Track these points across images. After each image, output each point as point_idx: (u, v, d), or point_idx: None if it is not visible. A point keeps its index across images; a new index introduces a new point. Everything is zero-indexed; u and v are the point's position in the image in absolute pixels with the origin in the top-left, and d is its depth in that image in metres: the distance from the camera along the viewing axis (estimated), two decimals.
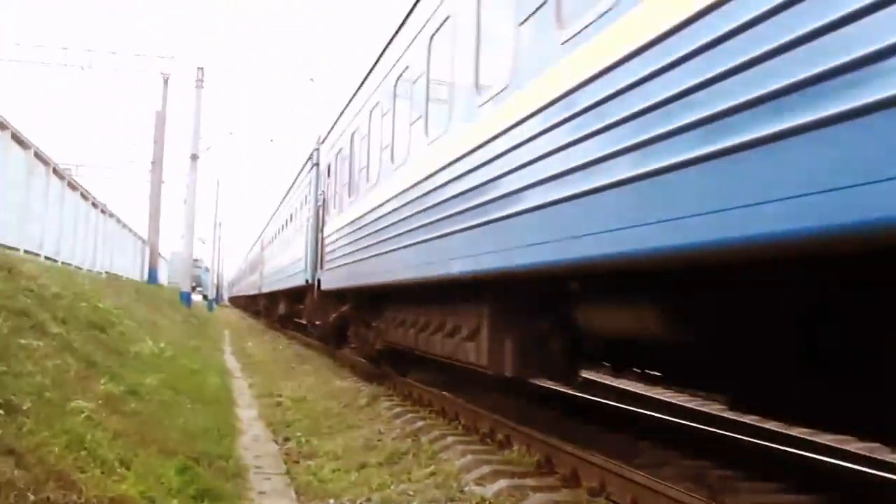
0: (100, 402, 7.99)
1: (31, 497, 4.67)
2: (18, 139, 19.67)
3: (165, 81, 42.10)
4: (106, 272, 33.64)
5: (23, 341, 8.33)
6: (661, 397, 13.01)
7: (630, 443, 8.92)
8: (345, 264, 15.50)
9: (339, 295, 17.63)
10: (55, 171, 24.44)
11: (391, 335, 13.80)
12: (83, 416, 7.11)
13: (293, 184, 31.28)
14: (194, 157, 37.96)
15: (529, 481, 7.36)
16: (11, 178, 19.36)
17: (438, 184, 9.13)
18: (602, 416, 10.53)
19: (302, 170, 27.53)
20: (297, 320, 33.01)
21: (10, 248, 18.77)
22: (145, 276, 44.56)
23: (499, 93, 7.17)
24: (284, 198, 35.01)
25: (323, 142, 21.68)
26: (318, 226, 20.56)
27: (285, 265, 30.23)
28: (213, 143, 42.16)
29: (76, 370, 9.05)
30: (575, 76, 5.53)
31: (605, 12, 5.18)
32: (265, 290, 41.83)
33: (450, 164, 8.69)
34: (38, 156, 21.81)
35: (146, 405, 9.37)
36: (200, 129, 38.04)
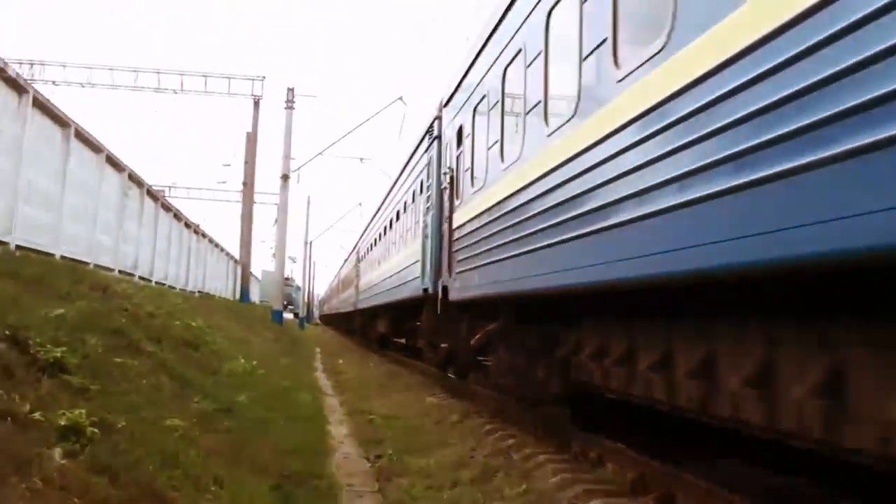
0: (194, 420, 8.05)
1: None
2: (113, 161, 20.12)
3: (256, 103, 42.89)
4: (199, 291, 34.24)
5: (118, 360, 8.42)
6: None
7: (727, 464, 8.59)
8: (496, 261, 10.45)
9: (480, 307, 12.88)
10: (149, 192, 24.96)
11: (585, 372, 9.12)
12: (177, 434, 7.16)
13: (400, 174, 25.98)
14: (285, 178, 38.42)
15: (623, 501, 7.20)
16: (106, 200, 19.79)
17: None
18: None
19: (413, 154, 21.92)
20: (403, 342, 28.45)
21: (105, 268, 19.18)
22: (237, 295, 45.30)
23: None
24: (387, 195, 29.95)
25: (447, 103, 15.92)
26: (443, 216, 15.51)
27: (390, 274, 25.15)
28: (303, 163, 42.55)
29: (170, 388, 9.16)
30: None
31: None
32: (362, 305, 37.56)
33: None
34: (132, 177, 22.29)
35: (239, 423, 9.42)
36: (291, 149, 38.40)
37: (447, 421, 13.03)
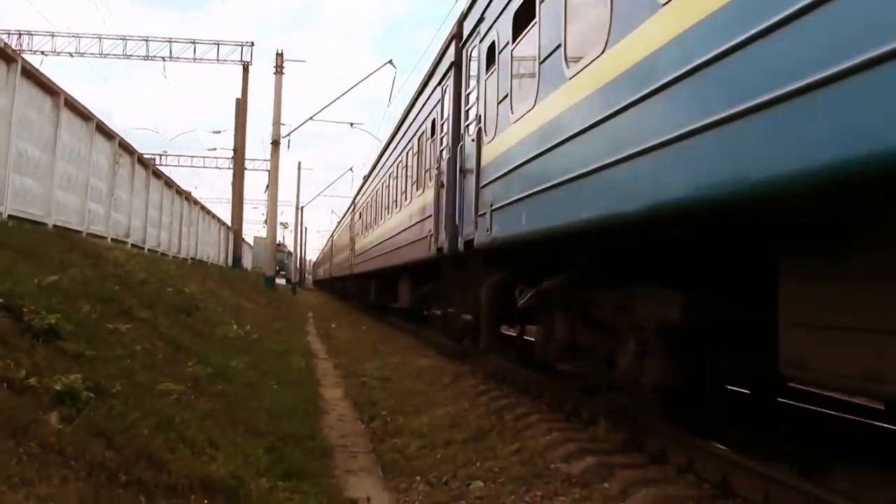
0: (189, 384, 8.11)
1: (123, 478, 4.73)
2: (103, 130, 20.07)
3: (245, 68, 42.68)
4: (192, 258, 34.26)
5: (111, 326, 8.48)
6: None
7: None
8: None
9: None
10: (140, 160, 24.90)
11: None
12: (172, 398, 7.22)
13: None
14: (275, 144, 38.24)
15: (617, 458, 7.27)
16: (97, 169, 19.77)
17: None
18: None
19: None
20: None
21: (98, 236, 19.21)
22: (230, 262, 45.32)
23: None
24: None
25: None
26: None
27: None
28: (293, 129, 42.38)
29: (164, 353, 9.21)
30: None
31: None
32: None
33: None
34: (122, 145, 22.23)
35: (233, 387, 9.49)
36: (282, 115, 38.22)
37: (440, 382, 13.13)
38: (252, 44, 42.62)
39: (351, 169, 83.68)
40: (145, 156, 26.91)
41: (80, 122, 18.15)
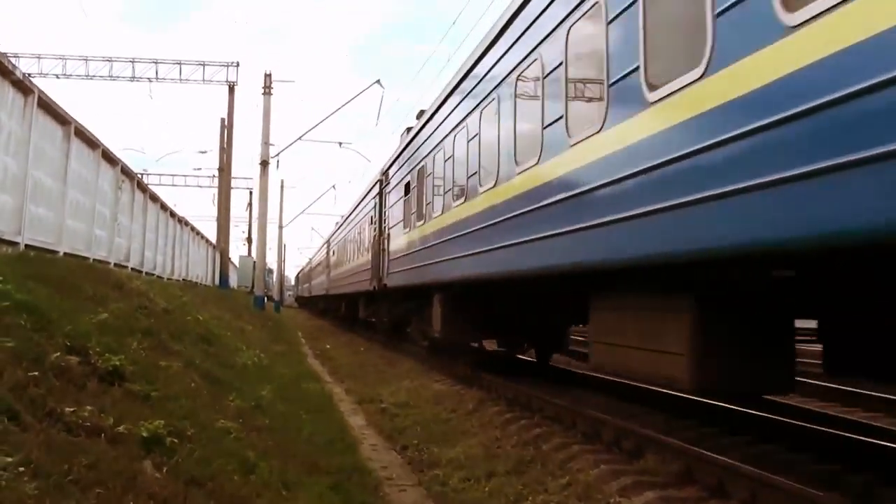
0: (240, 420, 8.18)
1: None
2: (108, 156, 20.07)
3: (231, 89, 42.54)
4: (183, 279, 34.19)
5: (162, 363, 8.54)
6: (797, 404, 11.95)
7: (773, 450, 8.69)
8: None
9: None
10: (139, 184, 24.89)
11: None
12: (231, 436, 7.30)
13: (357, 205, 35.99)
14: (264, 164, 38.14)
15: (672, 492, 7.35)
16: (102, 195, 19.77)
17: None
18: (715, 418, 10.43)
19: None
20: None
21: (102, 261, 19.18)
22: (216, 281, 45.16)
23: None
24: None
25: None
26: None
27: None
28: (282, 149, 42.38)
29: (206, 388, 9.27)
30: None
31: None
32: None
33: None
34: (123, 171, 22.24)
35: (272, 419, 9.56)
36: (270, 135, 38.14)
37: (462, 409, 13.16)
38: (238, 64, 42.50)
39: (334, 186, 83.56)
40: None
41: (87, 150, 18.16)
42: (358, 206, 34.84)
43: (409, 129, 22.64)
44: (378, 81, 37.55)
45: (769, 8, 5.40)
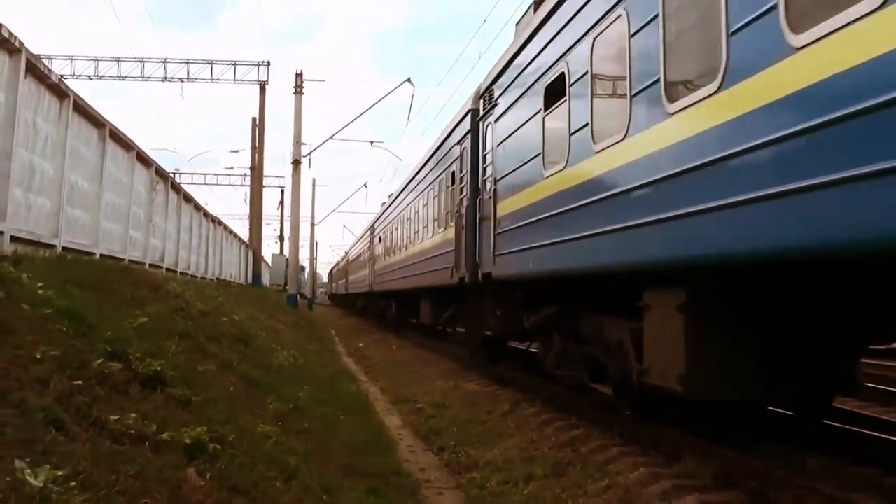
0: (279, 424, 8.20)
1: None
2: (142, 158, 20.20)
3: (262, 88, 42.75)
4: (217, 278, 34.38)
5: (201, 368, 8.58)
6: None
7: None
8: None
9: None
10: (173, 185, 25.07)
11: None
12: (272, 441, 7.31)
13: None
14: (296, 163, 38.31)
15: (713, 496, 7.27)
16: (137, 196, 19.91)
17: None
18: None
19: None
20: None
21: (137, 262, 19.32)
22: (249, 279, 45.43)
23: None
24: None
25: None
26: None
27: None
28: (314, 148, 42.56)
29: (244, 391, 9.31)
30: None
31: None
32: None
33: None
34: (158, 172, 22.39)
35: (310, 421, 9.59)
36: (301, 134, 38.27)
37: (498, 410, 13.11)
38: (269, 63, 42.71)
39: (365, 185, 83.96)
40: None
41: (122, 152, 18.29)
42: (424, 166, 25.47)
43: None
44: (409, 80, 37.67)
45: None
